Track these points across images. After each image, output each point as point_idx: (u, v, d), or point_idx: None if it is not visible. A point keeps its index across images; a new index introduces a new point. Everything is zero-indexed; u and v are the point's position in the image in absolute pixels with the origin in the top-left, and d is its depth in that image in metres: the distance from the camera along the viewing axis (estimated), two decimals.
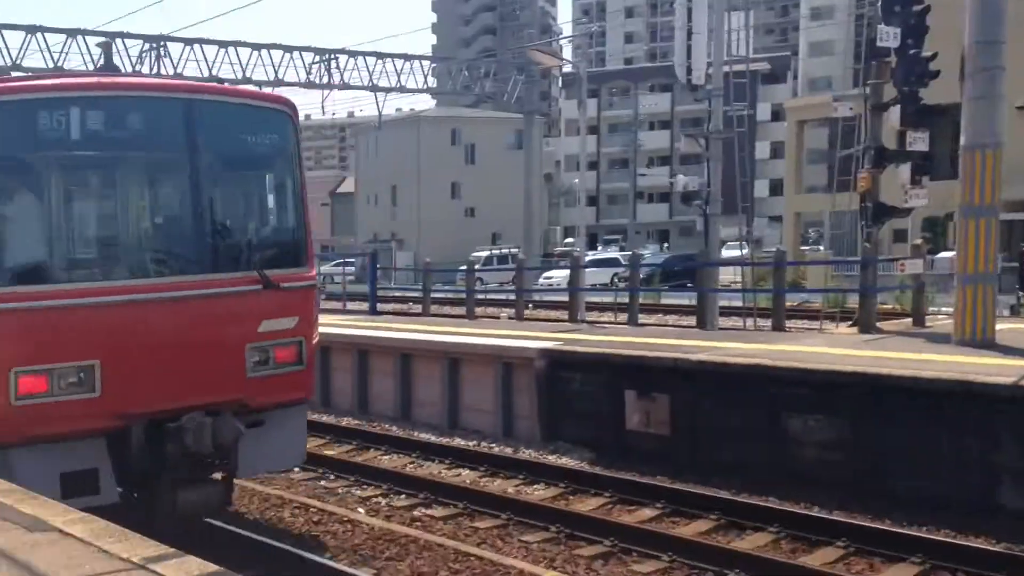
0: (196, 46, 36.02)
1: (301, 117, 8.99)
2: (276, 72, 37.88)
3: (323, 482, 12.19)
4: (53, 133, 7.19)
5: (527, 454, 12.94)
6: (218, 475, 8.36)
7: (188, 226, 7.82)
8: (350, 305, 23.83)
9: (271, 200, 8.72)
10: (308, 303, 8.35)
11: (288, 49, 38.31)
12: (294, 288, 8.15)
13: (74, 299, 7.28)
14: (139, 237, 7.98)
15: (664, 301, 31.20)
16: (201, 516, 8.57)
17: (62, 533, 5.89)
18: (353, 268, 44.47)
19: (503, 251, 52.29)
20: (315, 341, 8.39)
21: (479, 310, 24.94)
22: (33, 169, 7.34)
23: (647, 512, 10.16)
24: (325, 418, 16.13)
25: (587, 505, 10.52)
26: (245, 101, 8.54)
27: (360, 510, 10.78)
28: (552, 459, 12.59)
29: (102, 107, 7.44)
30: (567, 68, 50.08)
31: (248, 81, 37.26)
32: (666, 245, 77.32)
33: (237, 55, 36.78)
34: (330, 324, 18.76)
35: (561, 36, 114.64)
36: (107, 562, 5.29)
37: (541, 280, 40.51)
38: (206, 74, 36.21)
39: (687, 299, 27.62)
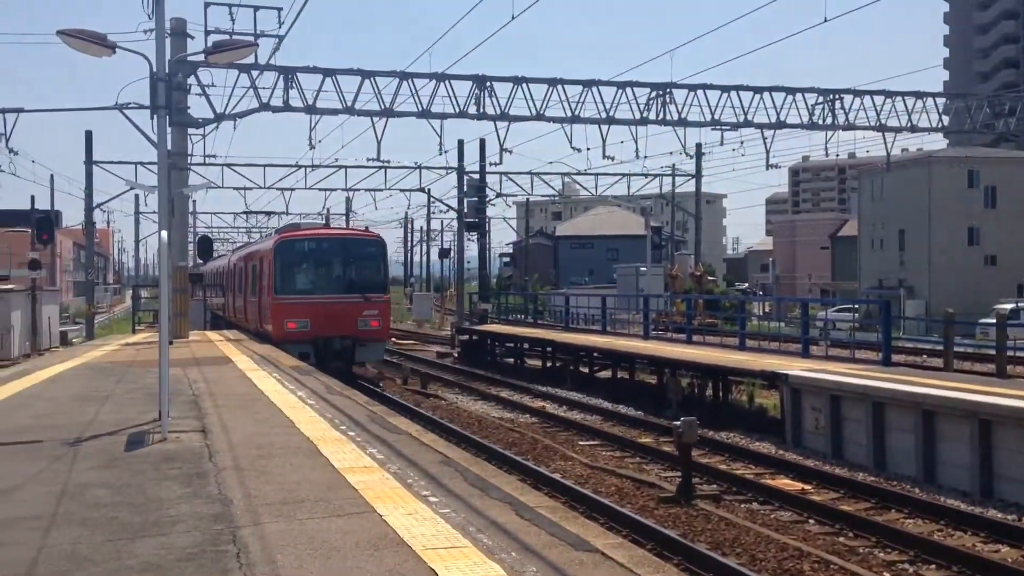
0: (699, 92, 36.88)
1: (798, 159, 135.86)
2: (777, 114, 37.61)
3: (841, 538, 11.62)
4: (299, 249, 24.89)
5: None
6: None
7: (342, 279, 24.89)
8: (857, 354, 22.78)
9: (371, 272, 25.25)
10: (384, 306, 25.53)
11: (790, 91, 37.85)
12: (376, 301, 25.26)
13: (305, 300, 24.92)
14: (325, 282, 25.01)
15: None
16: (341, 372, 22.26)
17: (604, 555, 6.13)
18: (855, 316, 42.68)
19: None
20: (389, 320, 26.19)
21: (1009, 368, 22.57)
22: (294, 261, 24.70)
23: None
24: (838, 471, 15.46)
25: None
26: (363, 236, 26.60)
27: (886, 575, 10.08)
28: None
29: (314, 241, 25.40)
30: None
31: (748, 124, 37.41)
32: None
33: (739, 98, 37.05)
34: (839, 372, 18.03)
35: None
36: None
37: None
38: (708, 118, 36.91)
39: None
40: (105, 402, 14.09)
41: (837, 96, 38.69)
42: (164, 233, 12.30)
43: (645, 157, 55.40)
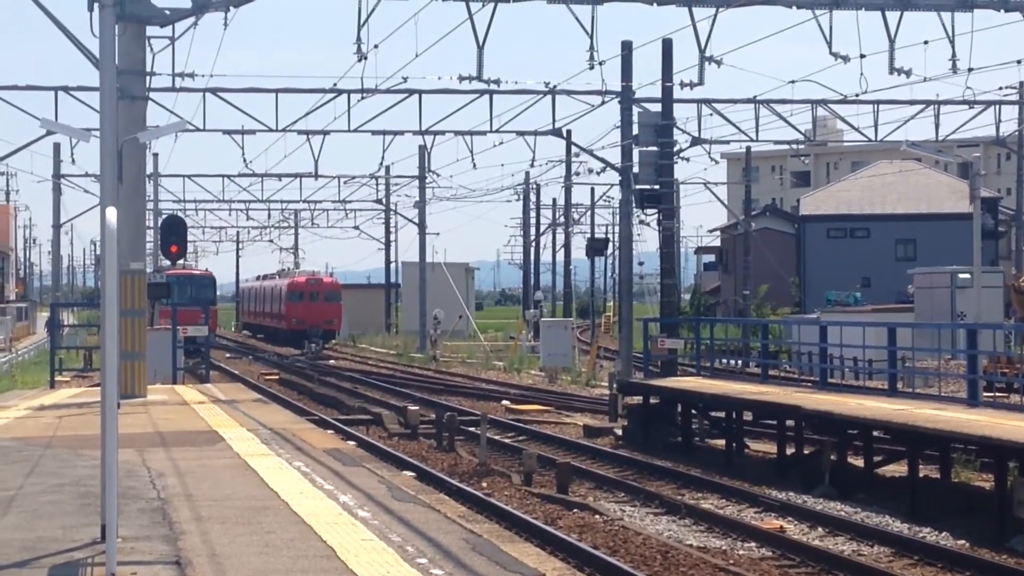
0: None
1: None
2: None
3: None
4: (172, 283, 41.07)
5: None
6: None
7: (189, 297, 52.18)
8: None
9: (205, 293, 56.21)
10: (212, 314, 47.53)
11: None
12: (209, 310, 43.02)
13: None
14: (181, 299, 46.51)
15: None
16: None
17: None
18: None
19: None
20: (216, 320, 57.14)
21: None
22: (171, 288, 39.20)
23: None
24: None
25: None
26: (202, 274, 61.18)
27: None
28: None
29: (174, 277, 46.50)
30: None
31: None
32: None
33: None
34: None
35: None
36: None
37: None
38: None
39: None
40: (7, 510, 9.27)
41: None
42: (111, 212, 7.55)
43: (969, 71, 26.00)
